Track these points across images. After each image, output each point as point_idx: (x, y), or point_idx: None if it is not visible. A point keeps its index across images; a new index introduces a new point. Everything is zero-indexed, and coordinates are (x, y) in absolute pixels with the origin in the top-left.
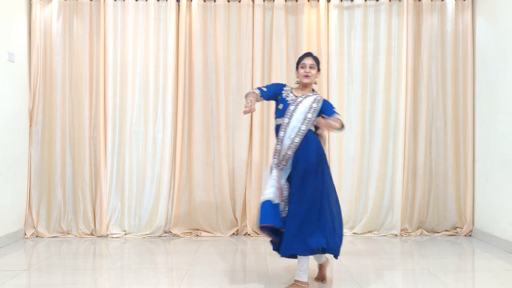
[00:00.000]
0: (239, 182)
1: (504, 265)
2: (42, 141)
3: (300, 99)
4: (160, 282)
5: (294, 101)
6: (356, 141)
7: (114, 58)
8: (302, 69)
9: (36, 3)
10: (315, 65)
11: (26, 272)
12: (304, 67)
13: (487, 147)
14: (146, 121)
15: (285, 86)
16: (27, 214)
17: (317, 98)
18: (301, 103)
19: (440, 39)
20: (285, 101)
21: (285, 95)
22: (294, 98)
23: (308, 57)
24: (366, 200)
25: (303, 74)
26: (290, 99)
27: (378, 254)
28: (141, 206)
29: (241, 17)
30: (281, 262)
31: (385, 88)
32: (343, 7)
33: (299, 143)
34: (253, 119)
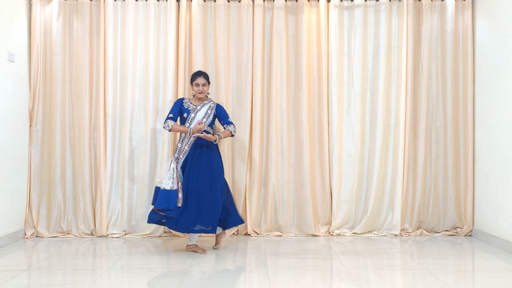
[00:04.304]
0: (239, 182)
1: (504, 265)
2: (42, 141)
3: (198, 107)
4: (160, 282)
5: (194, 110)
6: (356, 141)
7: (114, 58)
8: (197, 87)
9: (36, 3)
10: (207, 82)
11: (26, 272)
12: (198, 85)
13: (487, 147)
14: (146, 121)
15: (183, 99)
16: (27, 214)
17: (211, 106)
18: (199, 111)
19: (440, 39)
20: (187, 110)
21: (186, 106)
22: (194, 107)
23: (200, 77)
24: (366, 200)
25: (198, 91)
26: (191, 108)
27: (378, 254)
28: (141, 206)
29: (241, 17)
30: (281, 262)
31: (385, 88)
32: (343, 7)
33: (194, 140)
34: (253, 120)
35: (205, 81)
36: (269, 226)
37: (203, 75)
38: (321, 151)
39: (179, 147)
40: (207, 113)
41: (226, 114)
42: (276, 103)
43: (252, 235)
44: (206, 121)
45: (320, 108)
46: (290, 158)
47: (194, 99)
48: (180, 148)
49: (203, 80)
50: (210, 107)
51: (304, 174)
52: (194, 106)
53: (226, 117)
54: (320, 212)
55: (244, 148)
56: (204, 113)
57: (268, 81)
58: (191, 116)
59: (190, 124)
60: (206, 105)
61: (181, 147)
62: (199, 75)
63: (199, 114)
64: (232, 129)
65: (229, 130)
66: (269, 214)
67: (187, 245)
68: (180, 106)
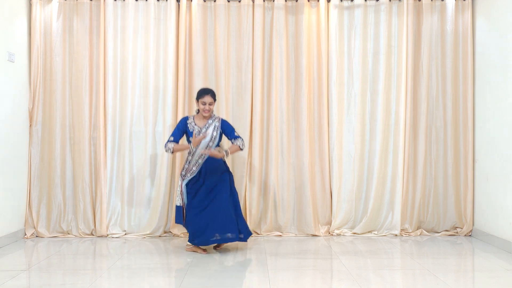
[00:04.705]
0: (239, 182)
1: (504, 265)
2: (42, 141)
3: (203, 130)
4: (160, 282)
5: (199, 132)
6: (356, 141)
7: (114, 58)
8: (203, 105)
9: (36, 3)
10: (213, 100)
11: (26, 272)
12: (204, 104)
13: (487, 147)
14: (146, 121)
15: (187, 119)
16: (27, 214)
17: (216, 126)
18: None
19: (440, 39)
20: (191, 133)
21: (191, 128)
22: (199, 129)
23: (208, 95)
24: (366, 200)
25: (204, 110)
26: (196, 131)
27: (378, 254)
28: (141, 206)
29: (241, 17)
30: (281, 262)
31: (385, 88)
32: (343, 7)
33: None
34: (253, 120)
35: (212, 100)
36: (269, 226)
37: (210, 94)
38: (321, 151)
39: (185, 167)
40: (213, 136)
41: (231, 128)
42: (276, 103)
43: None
44: (212, 144)
45: (320, 108)
46: (290, 158)
47: (198, 117)
48: (187, 168)
49: (210, 99)
50: (215, 128)
51: (304, 174)
52: (199, 128)
53: (232, 131)
54: (320, 212)
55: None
56: (210, 137)
57: (268, 81)
58: None
59: (196, 149)
60: (211, 126)
61: (188, 167)
62: (206, 93)
63: (205, 139)
64: (240, 143)
65: (237, 145)
66: (269, 214)
67: (187, 245)
68: (184, 128)
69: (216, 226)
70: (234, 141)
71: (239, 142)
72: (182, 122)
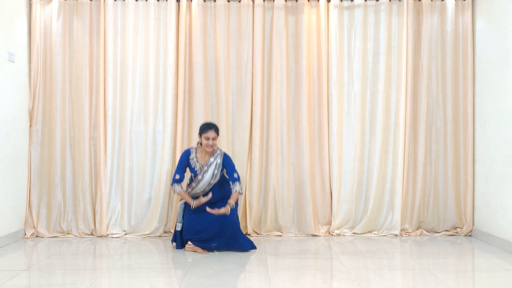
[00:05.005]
0: None
1: (504, 265)
2: (42, 141)
3: (205, 168)
4: (160, 282)
5: (200, 171)
6: (356, 141)
7: (114, 58)
8: (206, 141)
9: (36, 3)
10: (216, 135)
11: (26, 272)
12: (208, 139)
13: (487, 147)
14: (146, 121)
15: (189, 154)
16: (27, 214)
17: (217, 163)
18: (206, 172)
19: (440, 39)
20: (193, 170)
21: (193, 164)
22: (200, 167)
23: (211, 130)
24: (366, 200)
25: (207, 145)
26: (197, 168)
27: (378, 254)
28: (141, 206)
29: (241, 17)
30: (281, 262)
31: (385, 88)
32: (343, 7)
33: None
34: (253, 120)
35: (215, 135)
36: (269, 226)
37: (213, 129)
38: (321, 151)
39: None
40: (214, 174)
41: (232, 167)
42: (276, 103)
43: (252, 235)
44: (213, 182)
45: (320, 108)
46: (290, 158)
47: (200, 151)
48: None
49: (213, 134)
50: (217, 165)
51: (304, 174)
52: (200, 165)
53: (232, 172)
54: (320, 212)
55: (244, 148)
56: (211, 175)
57: (268, 81)
58: (198, 178)
59: (197, 185)
60: (212, 165)
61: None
62: (210, 128)
63: (206, 177)
64: (238, 189)
65: (236, 192)
66: (269, 214)
67: (187, 245)
68: (187, 162)
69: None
70: (232, 186)
71: (237, 188)
72: (185, 157)
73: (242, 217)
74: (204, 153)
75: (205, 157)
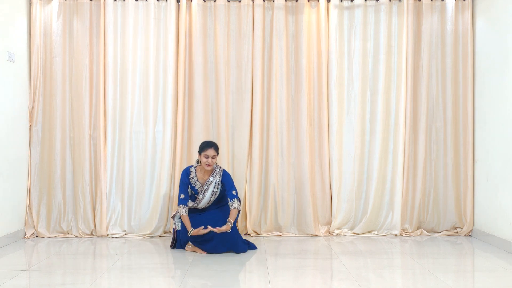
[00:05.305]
0: (239, 182)
1: (504, 265)
2: (42, 141)
3: (205, 187)
4: (160, 282)
5: (201, 190)
6: (356, 141)
7: (114, 58)
8: (206, 159)
9: (36, 3)
10: (216, 154)
11: (26, 272)
12: (207, 157)
13: (487, 147)
14: (146, 121)
15: (189, 174)
16: (27, 214)
17: (217, 182)
18: (206, 191)
19: (440, 39)
20: (194, 189)
21: (193, 184)
22: (200, 186)
23: (211, 148)
24: (366, 200)
25: (206, 163)
26: (198, 188)
27: (378, 254)
28: (141, 206)
29: (241, 17)
30: (281, 262)
31: (385, 88)
32: (343, 7)
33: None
34: (253, 120)
35: (215, 154)
36: (269, 226)
37: (213, 147)
38: (321, 151)
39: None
40: (214, 192)
41: (231, 184)
42: (276, 103)
43: (252, 235)
44: (213, 200)
45: (320, 108)
46: (290, 158)
47: (200, 170)
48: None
49: (213, 153)
50: (216, 184)
51: (304, 174)
52: (200, 185)
53: (230, 189)
54: (320, 212)
55: (244, 148)
56: (211, 194)
57: (268, 81)
58: (199, 198)
59: (199, 204)
60: (212, 184)
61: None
62: (210, 146)
63: (206, 196)
64: (237, 205)
65: (235, 208)
66: (269, 214)
67: (187, 245)
68: (188, 181)
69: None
70: (230, 202)
71: (235, 204)
72: (185, 176)
73: (242, 217)
74: (203, 172)
75: (204, 176)
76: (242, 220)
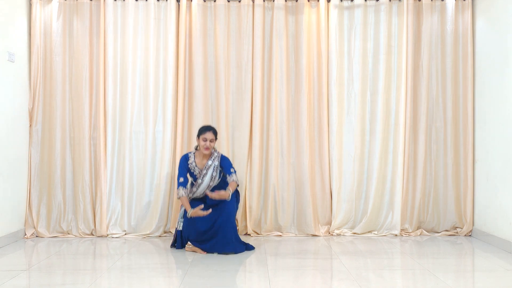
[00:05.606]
0: (239, 182)
1: (504, 265)
2: (42, 141)
3: (204, 171)
4: (160, 282)
5: (199, 175)
6: (356, 141)
7: (114, 58)
8: (204, 142)
9: (36, 3)
10: (214, 138)
11: (26, 272)
12: (205, 140)
13: (487, 147)
14: (146, 121)
15: (188, 159)
16: (27, 214)
17: (215, 166)
18: (205, 175)
19: (440, 39)
20: (193, 174)
21: (192, 169)
22: (199, 171)
23: (209, 132)
24: (366, 200)
25: (204, 147)
26: (196, 173)
27: (378, 254)
28: (141, 206)
29: (241, 17)
30: (281, 262)
31: (385, 88)
32: (343, 7)
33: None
34: (253, 120)
35: (213, 137)
36: (269, 226)
37: (212, 131)
38: (321, 151)
39: (189, 196)
40: (213, 176)
41: (229, 164)
42: (276, 103)
43: (252, 235)
44: (212, 184)
45: (320, 108)
46: (290, 158)
47: (198, 155)
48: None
49: (211, 136)
50: (215, 168)
51: (304, 174)
52: (199, 170)
53: (228, 168)
54: (320, 212)
55: (244, 148)
56: (209, 177)
57: (268, 81)
58: (198, 182)
59: (198, 189)
60: (211, 168)
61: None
62: (208, 129)
63: (205, 180)
64: (235, 178)
65: (234, 181)
66: (269, 214)
67: (187, 245)
68: (186, 167)
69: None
70: (229, 177)
71: (234, 177)
72: (184, 161)
73: (242, 217)
74: (202, 157)
75: (203, 161)
76: (242, 220)
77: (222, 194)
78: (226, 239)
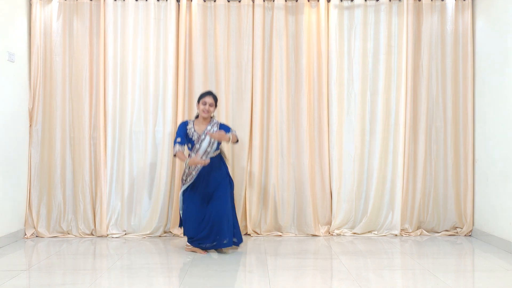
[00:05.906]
0: (239, 182)
1: (504, 265)
2: (42, 141)
3: (202, 137)
4: (160, 282)
5: (198, 140)
6: (356, 141)
7: (114, 58)
8: (203, 106)
9: (36, 3)
10: (214, 103)
11: (26, 272)
12: (205, 104)
13: (487, 147)
14: (146, 121)
15: (187, 124)
16: (27, 214)
17: (214, 131)
18: (203, 140)
19: (440, 39)
20: (191, 140)
21: (190, 134)
22: (197, 136)
23: (209, 96)
24: (366, 200)
25: (203, 110)
26: (195, 138)
27: (378, 254)
28: (141, 206)
29: (241, 17)
30: (281, 262)
31: (385, 88)
32: (343, 7)
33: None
34: (253, 119)
35: (213, 101)
36: (269, 226)
37: (212, 95)
38: (321, 151)
39: (186, 172)
40: (211, 142)
41: (228, 128)
42: (276, 103)
43: (252, 235)
44: (211, 150)
45: (320, 108)
46: (290, 158)
47: (198, 122)
48: (187, 173)
49: (210, 100)
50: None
51: (304, 174)
52: (198, 135)
53: (228, 129)
54: (320, 212)
55: (244, 148)
56: (208, 143)
57: (268, 81)
58: (196, 147)
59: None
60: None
61: (188, 172)
62: (208, 94)
63: (203, 145)
64: (235, 133)
65: (234, 134)
66: (269, 214)
67: (187, 245)
68: (185, 132)
69: (213, 234)
70: (229, 133)
71: (234, 132)
72: (183, 126)
73: (242, 217)
74: (201, 123)
75: (202, 127)
76: (242, 220)
77: (222, 134)
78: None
